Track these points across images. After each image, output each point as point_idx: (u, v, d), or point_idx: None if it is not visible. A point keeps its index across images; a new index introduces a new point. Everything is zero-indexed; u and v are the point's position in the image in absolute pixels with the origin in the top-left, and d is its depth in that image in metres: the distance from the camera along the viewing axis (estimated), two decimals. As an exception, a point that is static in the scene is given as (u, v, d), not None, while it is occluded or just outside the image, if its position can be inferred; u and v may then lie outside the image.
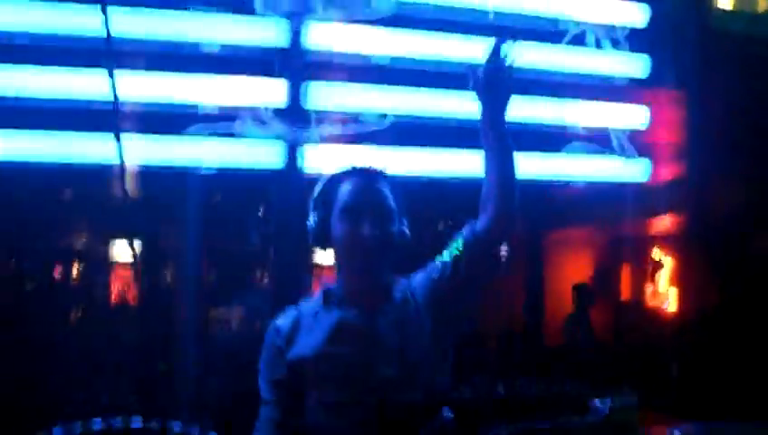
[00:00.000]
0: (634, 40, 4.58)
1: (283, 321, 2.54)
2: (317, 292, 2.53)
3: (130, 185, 4.48)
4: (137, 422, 3.48)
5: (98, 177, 4.10)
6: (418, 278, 2.64)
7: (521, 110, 4.07)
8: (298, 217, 2.79)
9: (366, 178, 2.60)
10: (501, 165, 2.50)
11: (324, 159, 3.81)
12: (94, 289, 4.61)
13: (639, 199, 5.15)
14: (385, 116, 3.96)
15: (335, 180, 2.59)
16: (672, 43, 5.10)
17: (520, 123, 4.09)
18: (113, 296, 4.58)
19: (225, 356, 4.01)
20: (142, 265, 4.15)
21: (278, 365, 2.49)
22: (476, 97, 2.43)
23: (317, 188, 2.56)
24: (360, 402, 2.40)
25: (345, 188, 2.57)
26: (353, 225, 2.51)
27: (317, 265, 2.97)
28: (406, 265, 2.74)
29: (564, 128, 4.31)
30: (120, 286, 4.54)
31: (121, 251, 4.56)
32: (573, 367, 5.56)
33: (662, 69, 4.84)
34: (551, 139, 4.24)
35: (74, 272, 4.60)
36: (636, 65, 4.57)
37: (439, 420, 1.62)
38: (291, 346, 2.52)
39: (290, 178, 3.85)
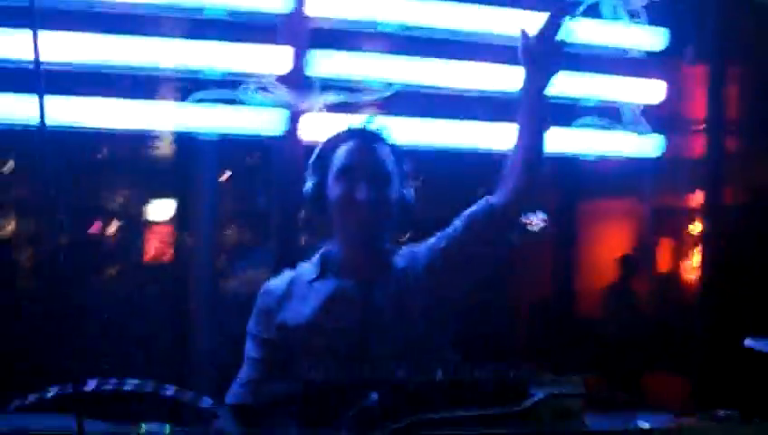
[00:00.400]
0: (653, 12, 4.45)
1: (277, 284, 2.47)
2: (315, 256, 2.48)
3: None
4: (130, 385, 3.48)
5: (104, 141, 4.15)
6: (423, 249, 2.52)
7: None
8: (300, 184, 2.64)
9: (363, 139, 2.47)
10: (532, 138, 2.42)
11: (328, 126, 3.74)
12: (98, 250, 4.64)
13: (660, 174, 5.06)
14: (390, 84, 3.91)
15: (332, 143, 2.48)
16: (694, 14, 4.97)
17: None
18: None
19: (224, 323, 4.03)
20: (143, 230, 4.18)
21: (267, 327, 2.42)
22: (523, 65, 2.34)
23: (314, 152, 2.47)
24: (349, 378, 2.23)
25: (341, 151, 2.45)
26: (348, 188, 2.39)
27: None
28: (412, 234, 2.65)
29: (575, 101, 4.20)
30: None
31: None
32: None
33: (682, 41, 4.72)
34: (561, 112, 4.15)
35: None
36: (654, 38, 4.43)
37: (363, 403, 1.56)
38: (282, 310, 2.44)
39: (292, 146, 3.82)
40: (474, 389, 1.68)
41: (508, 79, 4.01)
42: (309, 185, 2.49)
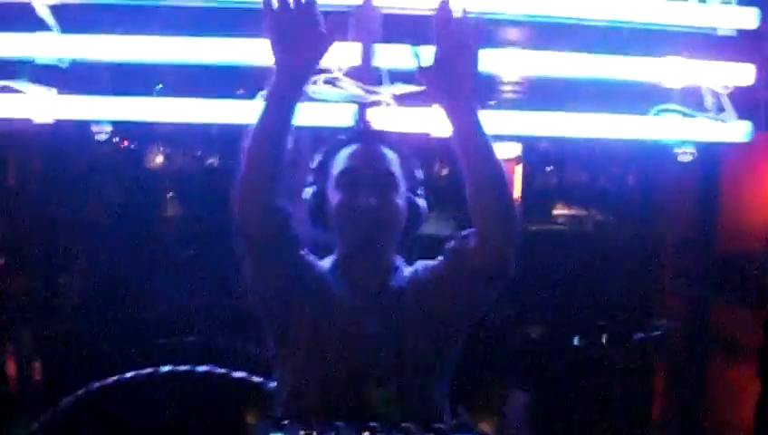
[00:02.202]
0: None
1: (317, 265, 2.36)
2: (332, 259, 2.38)
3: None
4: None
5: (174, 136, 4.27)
6: (422, 269, 2.36)
7: (607, 66, 3.89)
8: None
9: (367, 141, 2.34)
10: (479, 182, 2.08)
11: (397, 118, 3.73)
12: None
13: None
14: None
15: (333, 147, 2.37)
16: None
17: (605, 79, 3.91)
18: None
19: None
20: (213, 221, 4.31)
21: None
22: (428, 85, 2.14)
23: (315, 158, 2.38)
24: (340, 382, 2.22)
25: (343, 154, 2.33)
26: (349, 193, 2.24)
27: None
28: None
29: (656, 86, 4.04)
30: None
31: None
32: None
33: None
34: (640, 97, 4.00)
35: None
36: (744, 17, 4.20)
37: None
38: (310, 286, 2.29)
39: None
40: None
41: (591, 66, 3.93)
42: (308, 194, 2.35)
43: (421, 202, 2.36)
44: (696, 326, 5.04)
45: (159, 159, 5.56)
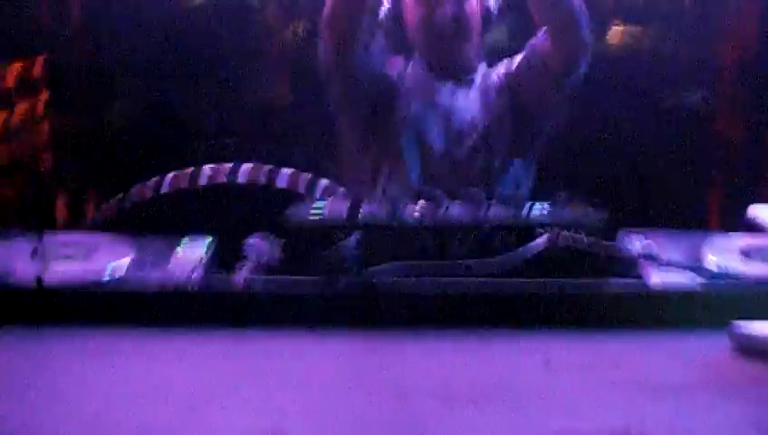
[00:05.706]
0: None
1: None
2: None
3: None
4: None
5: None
6: (506, 63, 2.51)
7: None
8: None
9: None
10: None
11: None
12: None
13: None
14: None
15: None
16: None
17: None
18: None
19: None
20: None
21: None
22: None
23: None
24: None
25: None
26: (427, 7, 2.37)
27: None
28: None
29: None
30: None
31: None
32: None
33: None
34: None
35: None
36: None
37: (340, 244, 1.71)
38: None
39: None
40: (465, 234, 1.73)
41: None
42: (384, 13, 2.44)
43: (493, 2, 2.48)
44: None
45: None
